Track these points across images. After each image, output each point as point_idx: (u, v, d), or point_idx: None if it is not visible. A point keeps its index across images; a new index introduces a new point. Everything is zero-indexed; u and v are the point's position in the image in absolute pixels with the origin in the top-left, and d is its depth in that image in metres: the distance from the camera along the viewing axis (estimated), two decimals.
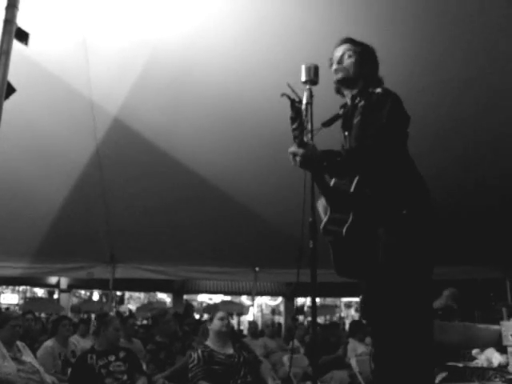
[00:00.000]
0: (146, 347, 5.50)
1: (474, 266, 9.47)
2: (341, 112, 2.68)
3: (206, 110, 6.03)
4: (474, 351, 4.86)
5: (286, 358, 6.41)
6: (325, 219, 2.48)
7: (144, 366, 5.09)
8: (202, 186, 7.16)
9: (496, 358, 4.47)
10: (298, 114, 2.27)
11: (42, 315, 15.65)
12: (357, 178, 2.33)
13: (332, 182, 2.54)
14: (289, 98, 2.26)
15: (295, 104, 2.26)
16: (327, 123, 2.67)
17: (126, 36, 5.24)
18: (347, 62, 2.66)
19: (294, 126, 2.29)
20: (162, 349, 5.14)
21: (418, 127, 2.49)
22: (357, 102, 2.58)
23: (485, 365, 4.55)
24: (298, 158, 2.31)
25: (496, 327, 4.91)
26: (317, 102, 2.48)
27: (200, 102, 5.89)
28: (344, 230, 2.30)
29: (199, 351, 4.42)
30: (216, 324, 4.62)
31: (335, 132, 2.72)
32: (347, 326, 16.06)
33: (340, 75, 2.65)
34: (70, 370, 4.70)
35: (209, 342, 4.61)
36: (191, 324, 8.07)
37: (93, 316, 15.27)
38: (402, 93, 2.50)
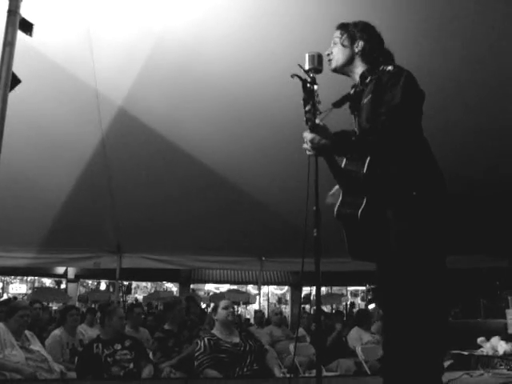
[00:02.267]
0: (154, 335, 5.54)
1: (480, 254, 9.46)
2: (352, 92, 2.63)
3: (211, 100, 6.02)
4: (480, 339, 4.88)
5: (292, 347, 6.44)
6: (338, 203, 2.44)
7: (151, 354, 5.13)
8: (207, 175, 7.17)
9: (501, 346, 4.48)
10: (310, 95, 2.21)
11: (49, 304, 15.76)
12: (368, 159, 2.29)
13: (343, 164, 2.49)
14: (300, 78, 2.21)
15: (307, 85, 2.20)
16: (338, 103, 2.62)
17: (131, 26, 5.22)
18: (334, 50, 2.66)
19: (307, 109, 2.24)
20: (171, 337, 5.17)
21: (425, 115, 2.45)
22: (367, 81, 2.53)
23: (490, 353, 4.57)
24: (311, 144, 2.29)
25: None
26: (321, 90, 2.46)
27: (205, 92, 5.88)
28: (359, 213, 2.26)
29: (205, 340, 4.45)
30: (221, 313, 4.64)
31: (344, 112, 2.69)
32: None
33: (331, 65, 2.65)
34: (76, 359, 4.74)
35: (215, 331, 4.64)
36: (196, 314, 8.12)
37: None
38: None
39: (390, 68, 2.44)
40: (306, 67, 2.48)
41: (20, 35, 3.28)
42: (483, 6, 4.68)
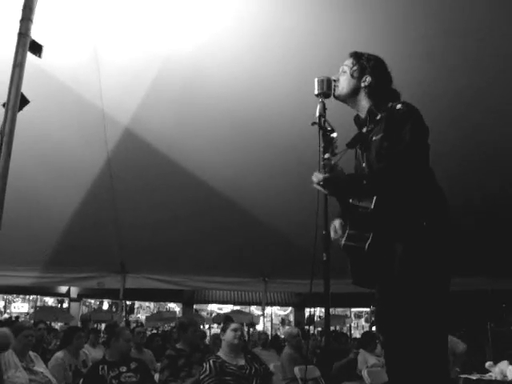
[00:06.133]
0: (166, 352, 5.45)
1: (486, 276, 9.39)
2: (364, 131, 2.61)
3: (216, 121, 6.05)
4: (488, 364, 4.82)
5: (297, 369, 6.35)
6: (344, 236, 2.43)
7: (157, 374, 5.04)
8: (212, 196, 7.18)
9: (510, 371, 4.42)
10: (330, 143, 2.22)
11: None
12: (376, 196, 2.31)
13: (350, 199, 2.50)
14: (320, 126, 2.21)
15: (326, 133, 2.21)
16: (352, 144, 2.61)
17: (138, 48, 5.28)
18: (341, 78, 2.66)
19: (327, 156, 2.24)
20: (182, 356, 5.09)
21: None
22: (378, 118, 2.53)
23: (498, 378, 4.51)
24: (325, 185, 2.29)
25: None
26: (330, 114, 2.46)
27: (211, 113, 5.92)
28: (366, 246, 2.27)
29: (211, 362, 4.39)
30: (229, 334, 4.58)
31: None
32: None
33: (335, 92, 2.64)
34: (81, 381, 4.67)
35: (220, 353, 4.58)
36: None
37: (103, 325, 15.30)
38: (412, 99, 2.49)
39: (399, 106, 2.45)
40: (316, 92, 2.49)
41: (29, 56, 3.31)
42: (490, 28, 4.72)
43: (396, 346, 2.33)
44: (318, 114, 2.43)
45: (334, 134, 2.23)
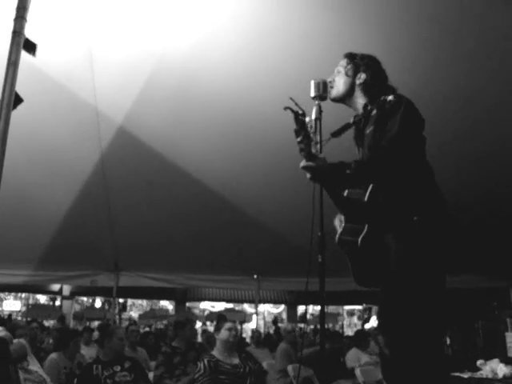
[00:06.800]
0: (161, 349, 5.45)
1: (477, 274, 9.45)
2: (351, 121, 2.65)
3: (211, 120, 6.05)
4: (479, 362, 4.86)
5: (290, 368, 6.37)
6: (339, 230, 2.45)
7: (151, 368, 5.04)
8: (206, 194, 7.18)
9: (501, 369, 4.45)
10: (302, 126, 2.24)
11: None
12: (371, 187, 2.30)
13: (345, 192, 2.48)
14: (292, 110, 2.23)
15: (299, 117, 2.24)
16: (337, 133, 2.63)
17: (132, 46, 5.27)
18: (336, 78, 2.69)
19: (299, 139, 2.27)
20: (177, 354, 5.09)
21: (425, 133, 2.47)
22: (369, 109, 2.55)
23: (490, 376, 4.54)
24: (308, 172, 2.32)
25: None
26: (326, 117, 2.48)
27: (205, 112, 5.91)
28: (359, 240, 2.28)
29: (205, 361, 4.42)
30: (223, 333, 4.60)
31: (345, 141, 2.70)
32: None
33: (331, 94, 2.67)
34: (75, 381, 4.66)
35: (215, 352, 4.60)
36: None
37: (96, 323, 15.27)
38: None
39: (390, 98, 2.46)
40: (312, 94, 2.52)
41: (23, 55, 3.29)
42: (486, 28, 4.74)
43: (393, 343, 2.33)
44: (314, 117, 2.45)
45: (307, 119, 2.25)
